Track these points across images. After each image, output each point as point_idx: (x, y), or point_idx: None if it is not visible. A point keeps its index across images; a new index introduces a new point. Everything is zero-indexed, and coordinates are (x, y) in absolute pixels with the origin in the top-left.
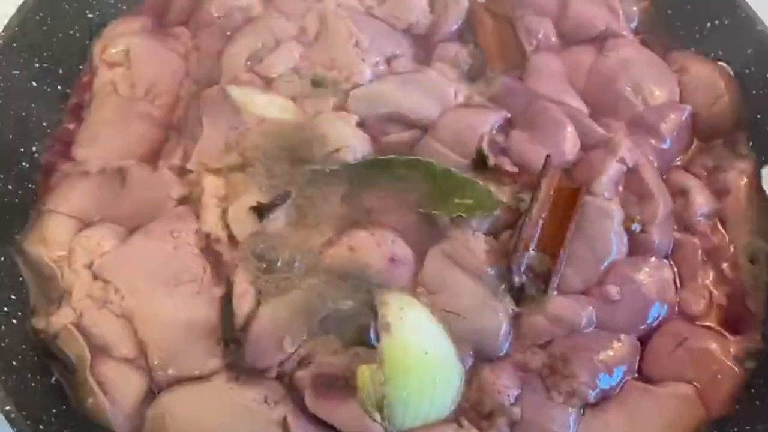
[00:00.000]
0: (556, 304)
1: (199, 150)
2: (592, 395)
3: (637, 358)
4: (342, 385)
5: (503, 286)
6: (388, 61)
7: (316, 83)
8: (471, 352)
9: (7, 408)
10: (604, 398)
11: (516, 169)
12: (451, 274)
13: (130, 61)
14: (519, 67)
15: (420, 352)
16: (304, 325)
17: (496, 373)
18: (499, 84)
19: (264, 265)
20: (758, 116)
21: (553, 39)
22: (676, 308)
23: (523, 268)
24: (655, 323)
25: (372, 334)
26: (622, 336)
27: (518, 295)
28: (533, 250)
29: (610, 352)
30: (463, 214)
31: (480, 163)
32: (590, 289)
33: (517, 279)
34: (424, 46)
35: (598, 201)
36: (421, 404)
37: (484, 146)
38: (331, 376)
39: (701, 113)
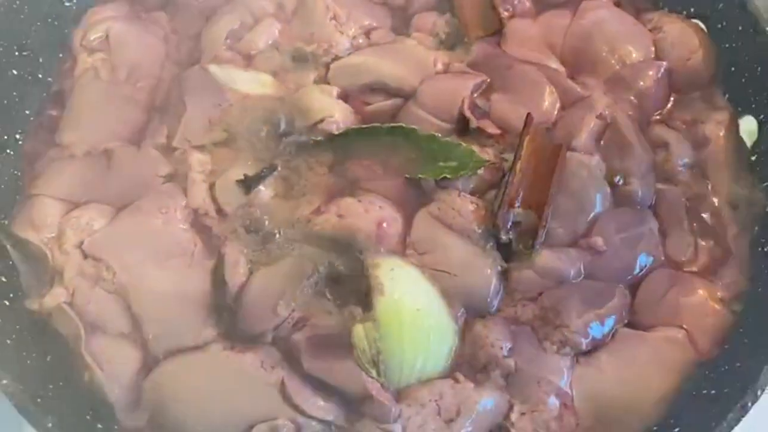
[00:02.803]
0: (544, 257)
1: (184, 127)
2: (584, 343)
3: (627, 306)
4: (338, 344)
5: (491, 244)
6: (367, 33)
7: (297, 58)
8: (462, 309)
9: (4, 382)
10: (597, 347)
11: (498, 131)
12: (440, 234)
13: (110, 46)
14: (496, 33)
15: (412, 309)
16: (297, 290)
17: (489, 327)
18: (477, 50)
19: (253, 236)
20: (732, 69)
21: (528, 4)
22: (663, 257)
23: (509, 225)
24: (643, 272)
25: (365, 295)
26: (611, 285)
27: (506, 251)
28: (518, 207)
29: (600, 301)
30: (449, 176)
31: (462, 126)
32: (577, 242)
33: (504, 236)
34: (401, 17)
35: (580, 156)
36: (415, 360)
37: (466, 110)
38: (327, 337)
39: (677, 68)
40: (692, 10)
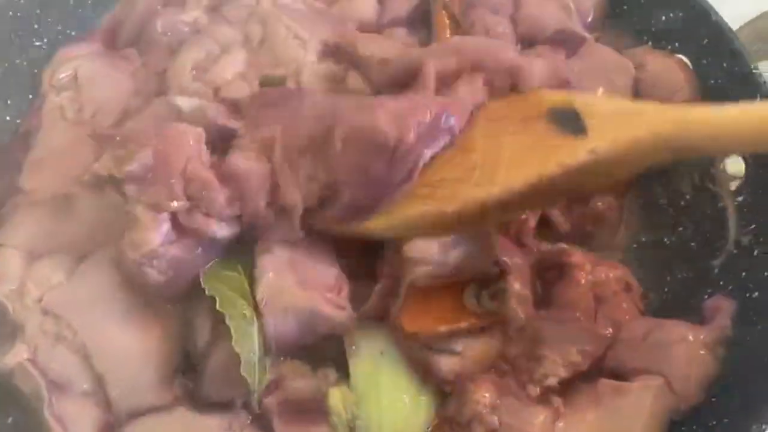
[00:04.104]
0: (513, 289)
1: None
2: (563, 371)
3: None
4: (312, 409)
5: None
6: None
7: (265, 84)
8: None
9: None
10: (572, 385)
11: None
12: None
13: (78, 84)
14: None
15: (389, 371)
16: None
17: (473, 381)
18: None
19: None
20: None
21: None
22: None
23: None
24: None
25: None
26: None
27: None
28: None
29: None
30: None
31: None
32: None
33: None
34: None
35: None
36: (395, 423)
37: None
38: (300, 402)
39: None
40: (676, 45)
